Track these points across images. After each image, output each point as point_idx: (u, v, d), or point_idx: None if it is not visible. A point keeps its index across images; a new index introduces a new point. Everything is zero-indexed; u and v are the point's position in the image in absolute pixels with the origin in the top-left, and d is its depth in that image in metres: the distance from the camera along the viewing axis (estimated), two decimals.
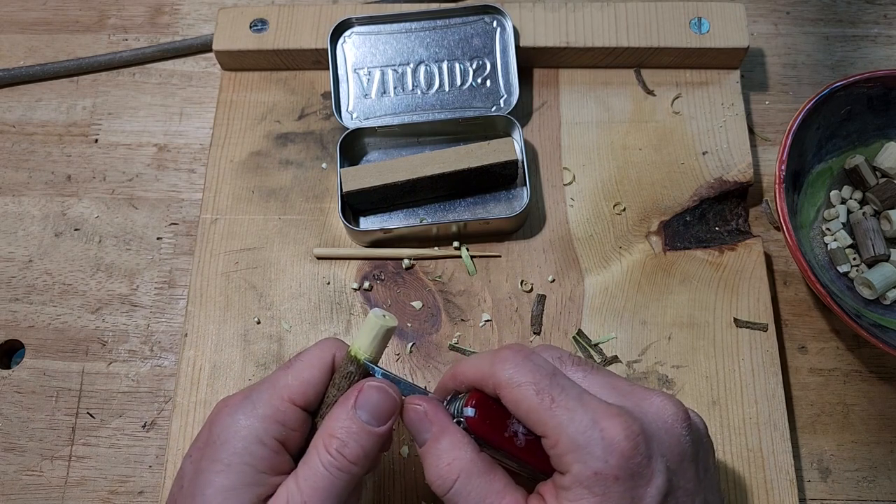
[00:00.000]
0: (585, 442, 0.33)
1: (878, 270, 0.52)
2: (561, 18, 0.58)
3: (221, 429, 0.36)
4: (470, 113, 0.57)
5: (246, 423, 0.36)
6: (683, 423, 0.36)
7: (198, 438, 0.38)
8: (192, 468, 0.36)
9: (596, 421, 0.34)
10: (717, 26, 0.58)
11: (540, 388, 0.35)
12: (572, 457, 0.34)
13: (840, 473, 0.49)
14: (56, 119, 0.61)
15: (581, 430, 0.34)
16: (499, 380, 0.36)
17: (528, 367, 0.36)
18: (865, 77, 0.52)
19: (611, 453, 0.33)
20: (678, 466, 0.35)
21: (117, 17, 0.65)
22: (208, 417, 0.38)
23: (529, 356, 0.37)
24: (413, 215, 0.55)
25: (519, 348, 0.37)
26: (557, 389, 0.35)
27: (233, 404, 0.37)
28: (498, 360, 0.37)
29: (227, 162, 0.57)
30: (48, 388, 0.52)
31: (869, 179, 0.54)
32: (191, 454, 0.37)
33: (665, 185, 0.56)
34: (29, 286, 0.55)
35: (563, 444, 0.34)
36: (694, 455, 0.36)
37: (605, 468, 0.33)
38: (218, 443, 0.36)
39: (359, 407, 0.36)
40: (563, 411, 0.34)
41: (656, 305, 0.52)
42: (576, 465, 0.33)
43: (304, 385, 0.37)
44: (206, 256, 0.54)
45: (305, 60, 0.59)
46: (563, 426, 0.34)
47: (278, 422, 0.36)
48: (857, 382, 0.51)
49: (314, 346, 0.39)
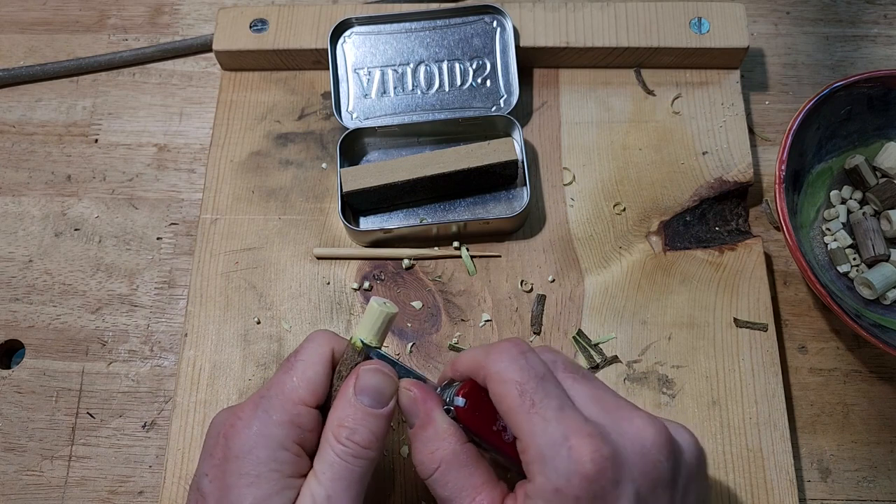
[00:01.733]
0: (552, 456, 0.33)
1: (878, 270, 0.52)
2: (561, 18, 0.58)
3: (241, 442, 0.36)
4: (470, 113, 0.57)
5: (265, 431, 0.36)
6: (662, 448, 0.34)
7: (210, 456, 0.37)
8: (215, 487, 0.36)
9: (567, 437, 0.33)
10: (717, 26, 0.58)
11: (524, 390, 0.35)
12: (537, 467, 0.33)
13: (840, 473, 0.49)
14: (56, 119, 0.61)
15: (550, 443, 0.33)
16: (489, 371, 0.36)
17: (519, 364, 0.35)
18: (865, 77, 0.52)
19: (574, 473, 0.32)
20: (650, 493, 0.34)
21: (117, 17, 0.65)
22: (218, 432, 0.37)
23: (525, 353, 0.36)
24: (413, 215, 0.55)
25: (517, 343, 0.37)
26: (541, 395, 0.34)
27: (245, 417, 0.37)
28: (494, 352, 0.36)
29: (227, 162, 0.57)
30: (48, 388, 0.52)
31: (869, 179, 0.54)
32: (207, 473, 0.36)
33: (665, 185, 0.56)
34: (29, 286, 0.55)
35: (532, 452, 0.34)
36: (670, 481, 0.35)
37: (567, 487, 0.32)
38: (241, 456, 0.36)
39: (359, 392, 0.37)
40: (538, 419, 0.34)
41: (656, 305, 0.52)
42: (539, 477, 0.33)
43: (310, 385, 0.37)
44: (206, 256, 0.54)
45: (305, 60, 0.59)
46: (535, 434, 0.34)
47: (295, 425, 0.36)
48: (857, 382, 0.51)
49: (308, 342, 0.39)
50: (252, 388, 0.50)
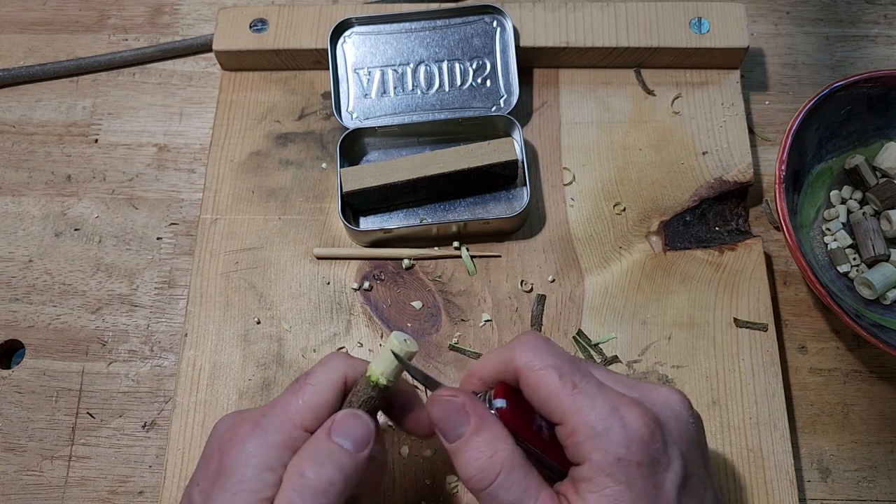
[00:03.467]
0: (606, 428, 0.33)
1: (878, 270, 0.52)
2: (561, 18, 0.58)
3: (232, 458, 0.36)
4: (470, 113, 0.57)
5: (258, 451, 0.35)
6: (689, 410, 0.37)
7: (206, 464, 0.37)
8: (202, 499, 0.36)
9: (615, 409, 0.34)
10: (717, 26, 0.58)
11: (563, 373, 0.35)
12: (592, 444, 0.34)
13: (840, 473, 0.49)
14: (56, 119, 0.61)
15: (601, 417, 0.34)
16: (519, 363, 0.36)
17: (548, 350, 0.36)
18: (865, 77, 0.52)
19: (633, 440, 0.33)
20: (689, 452, 0.35)
21: (117, 17, 0.65)
22: (218, 442, 0.37)
23: (548, 341, 0.37)
24: (413, 215, 0.55)
25: (537, 334, 0.37)
26: (579, 376, 0.35)
27: (243, 433, 0.36)
28: (518, 345, 0.36)
29: (227, 162, 0.57)
30: (48, 388, 0.52)
31: (869, 179, 0.54)
32: (198, 482, 0.36)
33: (665, 185, 0.56)
34: (29, 286, 0.55)
35: (582, 431, 0.34)
36: (698, 440, 0.37)
37: (628, 454, 0.33)
38: (229, 472, 0.35)
39: (335, 433, 0.36)
40: (583, 397, 0.34)
41: (656, 305, 0.52)
42: (597, 453, 0.33)
43: (315, 410, 0.37)
44: (206, 256, 0.54)
45: (305, 60, 0.59)
46: (584, 413, 0.34)
47: (289, 448, 0.36)
48: (857, 382, 0.51)
49: (322, 365, 0.38)
50: (252, 388, 0.50)
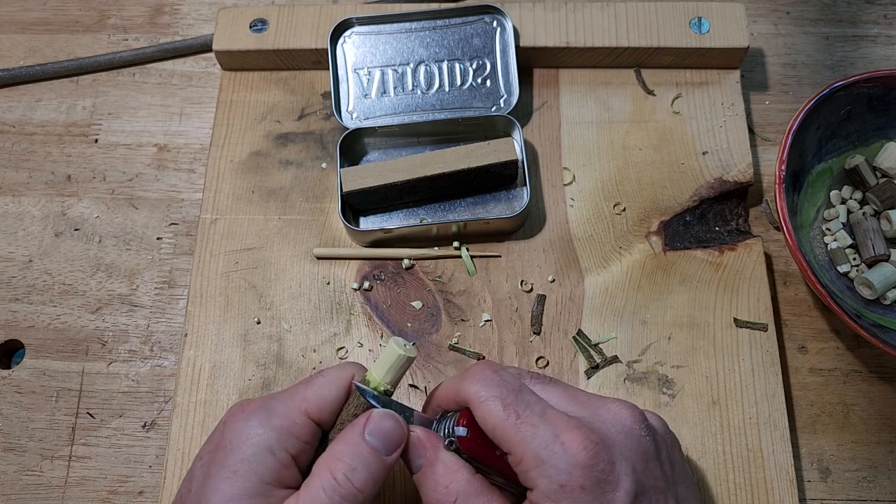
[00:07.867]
0: (548, 456, 0.34)
1: (878, 270, 0.52)
2: (561, 18, 0.58)
3: (234, 434, 0.36)
4: (470, 113, 0.57)
5: (259, 431, 0.36)
6: (641, 423, 0.37)
7: (210, 440, 0.38)
8: (202, 472, 0.36)
9: (556, 435, 0.34)
10: (717, 26, 0.58)
11: (506, 403, 0.36)
12: (537, 472, 0.34)
13: (840, 473, 0.49)
14: (56, 119, 0.61)
15: (543, 445, 0.34)
16: (468, 395, 0.37)
17: (495, 381, 0.37)
18: (865, 77, 0.52)
19: (573, 465, 0.34)
20: (644, 467, 0.35)
21: (117, 17, 0.65)
22: (223, 418, 0.38)
23: (498, 371, 0.37)
24: (413, 215, 0.55)
25: (488, 363, 0.38)
26: (522, 405, 0.36)
27: (249, 410, 0.37)
28: (467, 376, 0.37)
29: (227, 162, 0.57)
30: (48, 388, 0.52)
31: (869, 179, 0.54)
32: (201, 456, 0.37)
33: (665, 185, 0.56)
34: (29, 286, 0.55)
35: (528, 460, 0.34)
36: (657, 453, 0.37)
37: (570, 480, 0.34)
38: (229, 448, 0.36)
39: (369, 433, 0.36)
40: (526, 427, 0.35)
41: (656, 305, 0.52)
42: (542, 480, 0.34)
43: (321, 400, 0.37)
44: (206, 256, 0.54)
45: (305, 60, 0.59)
46: (527, 442, 0.35)
47: (292, 434, 0.36)
48: (857, 382, 0.51)
49: (336, 366, 0.40)
50: (252, 388, 0.50)
